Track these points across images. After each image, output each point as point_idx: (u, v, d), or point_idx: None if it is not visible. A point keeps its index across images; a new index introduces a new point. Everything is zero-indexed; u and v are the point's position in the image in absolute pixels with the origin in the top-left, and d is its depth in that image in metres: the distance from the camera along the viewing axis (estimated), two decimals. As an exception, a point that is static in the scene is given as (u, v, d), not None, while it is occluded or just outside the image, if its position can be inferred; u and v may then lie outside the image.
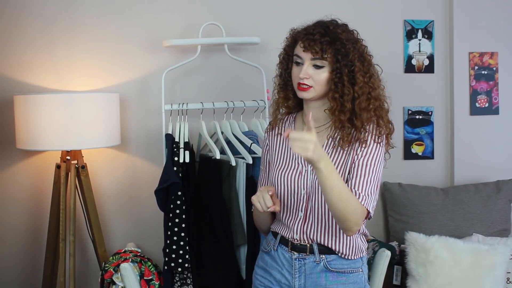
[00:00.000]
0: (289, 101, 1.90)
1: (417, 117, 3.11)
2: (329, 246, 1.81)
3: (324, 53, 1.75)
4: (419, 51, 3.10)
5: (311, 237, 1.82)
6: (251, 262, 2.44)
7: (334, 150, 1.81)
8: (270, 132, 1.97)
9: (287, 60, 1.87)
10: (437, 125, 3.14)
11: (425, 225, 2.86)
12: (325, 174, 1.62)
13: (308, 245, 1.83)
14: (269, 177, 1.91)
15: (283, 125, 1.95)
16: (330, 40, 1.76)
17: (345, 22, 1.84)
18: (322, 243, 1.82)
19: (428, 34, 3.10)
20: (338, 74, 1.75)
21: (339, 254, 1.82)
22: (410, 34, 3.09)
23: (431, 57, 3.11)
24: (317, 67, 1.77)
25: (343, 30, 1.79)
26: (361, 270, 1.86)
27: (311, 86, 1.77)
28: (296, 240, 1.84)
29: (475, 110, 3.13)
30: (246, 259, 2.46)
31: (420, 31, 3.09)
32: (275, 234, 1.91)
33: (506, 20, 3.13)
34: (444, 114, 3.15)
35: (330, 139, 1.83)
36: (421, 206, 2.90)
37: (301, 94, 1.80)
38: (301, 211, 1.82)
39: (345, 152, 1.80)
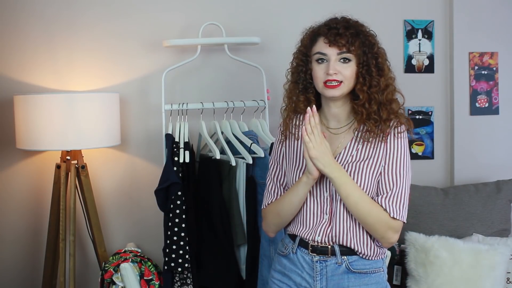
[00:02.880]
0: (310, 104, 1.83)
1: (417, 117, 3.11)
2: (352, 247, 1.78)
3: (351, 46, 1.72)
4: (419, 51, 3.10)
5: (334, 239, 1.79)
6: (251, 262, 2.44)
7: (363, 146, 1.79)
8: (286, 141, 1.90)
9: (306, 62, 1.81)
10: (437, 125, 3.14)
11: (425, 225, 2.86)
12: (337, 184, 1.72)
13: (329, 247, 1.79)
14: (288, 179, 1.86)
15: (297, 127, 1.88)
16: (354, 32, 1.74)
17: (356, 19, 1.83)
18: (344, 244, 1.78)
19: (428, 34, 3.10)
20: (366, 67, 1.74)
21: (361, 255, 1.79)
22: (410, 34, 3.09)
23: (431, 57, 3.11)
24: (344, 61, 1.74)
25: (361, 24, 1.79)
26: (382, 269, 1.84)
27: (341, 82, 1.74)
28: (316, 242, 1.80)
29: (475, 110, 3.13)
30: (246, 259, 2.46)
31: (420, 31, 3.09)
32: (292, 237, 1.86)
33: (506, 20, 3.13)
34: (444, 114, 3.15)
35: (356, 137, 1.81)
36: (421, 206, 2.90)
37: (331, 92, 1.75)
38: (326, 214, 1.79)
39: (373, 147, 1.78)
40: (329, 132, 1.84)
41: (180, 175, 2.44)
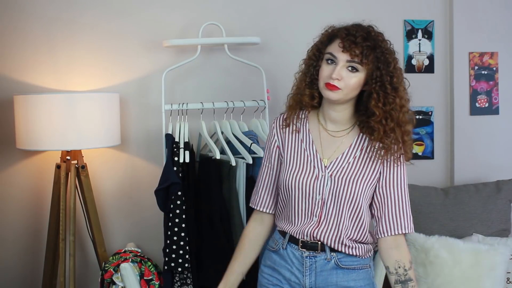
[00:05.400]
0: (314, 100, 1.84)
1: (417, 117, 3.11)
2: (338, 249, 1.82)
3: (364, 58, 1.70)
4: (419, 51, 3.10)
5: (321, 240, 1.81)
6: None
7: (361, 154, 1.80)
8: (285, 129, 1.89)
9: (318, 57, 1.80)
10: (437, 125, 3.14)
11: (425, 225, 2.85)
12: None
13: (319, 243, 1.82)
14: (281, 179, 1.87)
15: (296, 122, 1.88)
16: (371, 45, 1.71)
17: (381, 31, 1.78)
18: (331, 246, 1.81)
19: (428, 34, 3.10)
20: (379, 83, 1.71)
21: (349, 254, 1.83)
22: (410, 34, 3.09)
23: (431, 57, 3.11)
24: (351, 70, 1.72)
25: (383, 39, 1.76)
26: (369, 266, 1.87)
27: (340, 88, 1.72)
28: (306, 239, 1.83)
29: (475, 110, 3.13)
30: (246, 259, 2.46)
31: (420, 31, 3.09)
32: (283, 233, 1.89)
33: (506, 20, 3.13)
34: (444, 114, 3.15)
35: (354, 146, 1.81)
36: (421, 206, 2.90)
37: (328, 94, 1.73)
38: (315, 216, 1.81)
39: (371, 158, 1.79)
40: (327, 133, 1.84)
41: (180, 175, 2.44)
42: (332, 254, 1.82)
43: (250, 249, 1.96)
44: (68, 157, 2.61)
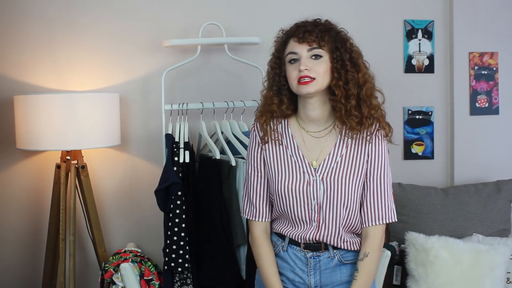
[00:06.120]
0: (283, 106, 1.81)
1: (417, 117, 3.11)
2: (340, 247, 1.83)
3: (321, 41, 1.72)
4: (419, 51, 3.10)
5: (324, 241, 1.82)
6: (251, 262, 2.44)
7: (347, 151, 1.80)
8: (265, 146, 1.86)
9: (279, 64, 1.81)
10: (437, 125, 3.14)
11: (425, 225, 2.86)
12: None
13: (322, 242, 1.83)
14: (272, 188, 1.85)
15: (276, 132, 1.85)
16: (323, 28, 1.75)
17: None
18: (334, 245, 1.83)
19: (428, 34, 3.10)
20: (340, 61, 1.73)
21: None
22: (410, 34, 3.09)
23: (431, 57, 3.11)
24: (315, 57, 1.73)
25: (331, 23, 1.80)
26: None
27: (314, 78, 1.72)
28: (308, 241, 1.84)
29: (475, 110, 3.13)
30: (246, 259, 2.46)
31: (420, 31, 3.09)
32: (281, 236, 1.88)
33: (506, 20, 3.13)
34: (444, 114, 3.15)
35: (339, 145, 1.81)
36: (421, 206, 2.90)
37: (305, 89, 1.72)
38: (314, 221, 1.81)
39: (357, 151, 1.79)
40: (309, 136, 1.83)
41: (180, 175, 2.44)
42: (335, 251, 1.83)
43: (274, 263, 1.90)
44: (68, 157, 2.61)
